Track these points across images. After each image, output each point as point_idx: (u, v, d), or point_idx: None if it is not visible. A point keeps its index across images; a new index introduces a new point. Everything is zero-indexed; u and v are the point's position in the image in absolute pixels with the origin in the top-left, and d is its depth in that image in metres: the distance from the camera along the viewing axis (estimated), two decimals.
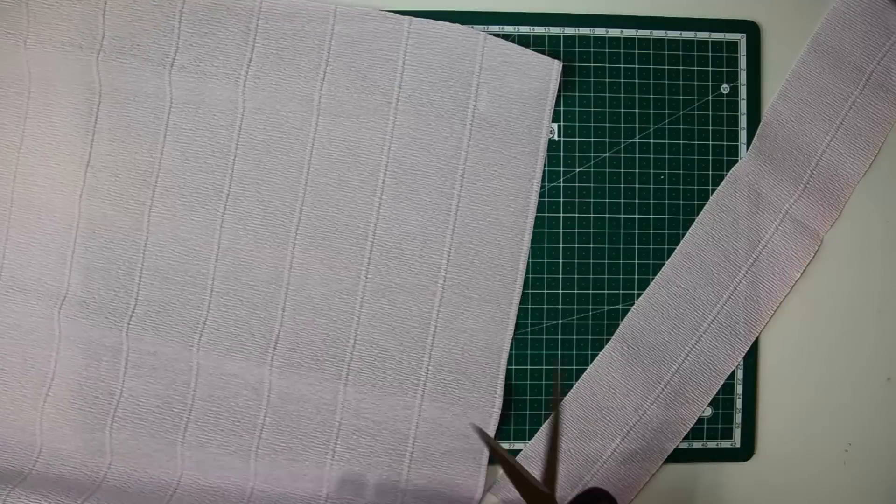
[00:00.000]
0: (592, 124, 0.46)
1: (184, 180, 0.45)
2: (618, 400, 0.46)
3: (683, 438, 0.46)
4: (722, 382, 0.46)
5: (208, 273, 0.45)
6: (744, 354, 0.46)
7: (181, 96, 0.45)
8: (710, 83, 0.47)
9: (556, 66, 0.45)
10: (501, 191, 0.45)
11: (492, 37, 0.45)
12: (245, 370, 0.45)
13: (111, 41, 0.45)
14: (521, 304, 0.46)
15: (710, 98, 0.47)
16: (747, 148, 0.47)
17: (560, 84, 0.45)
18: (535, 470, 0.45)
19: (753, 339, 0.46)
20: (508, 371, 0.46)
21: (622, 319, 0.46)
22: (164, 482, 0.45)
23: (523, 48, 0.45)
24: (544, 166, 0.46)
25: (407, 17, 0.45)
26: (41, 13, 0.45)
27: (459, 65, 0.45)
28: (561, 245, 0.46)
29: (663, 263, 0.46)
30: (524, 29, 0.46)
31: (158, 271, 0.45)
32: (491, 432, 0.45)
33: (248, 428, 0.45)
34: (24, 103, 0.45)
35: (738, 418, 0.47)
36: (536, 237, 0.46)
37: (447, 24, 0.45)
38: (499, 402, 0.45)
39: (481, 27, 0.46)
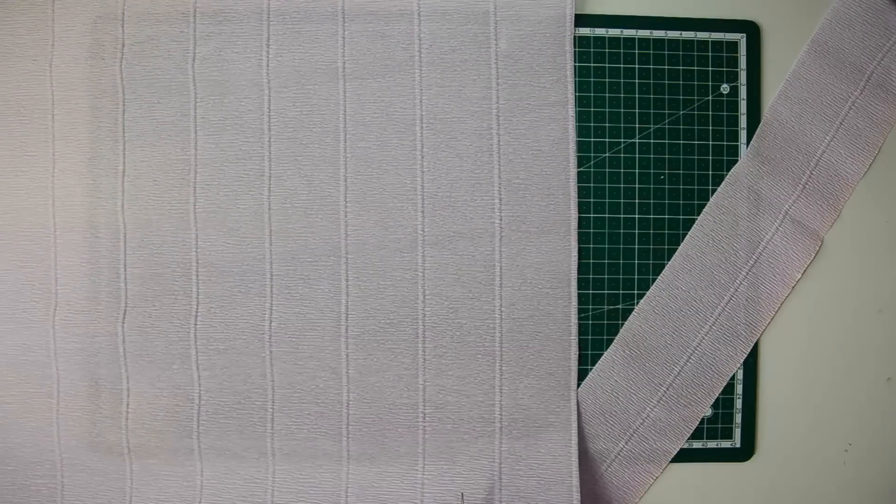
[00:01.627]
0: (592, 124, 0.46)
1: (223, 171, 0.45)
2: (620, 403, 0.46)
3: None
4: (724, 384, 0.46)
5: (265, 258, 0.45)
6: (745, 355, 0.46)
7: (205, 88, 0.45)
8: (710, 83, 0.47)
9: None
10: (538, 121, 0.46)
11: None
12: (320, 349, 0.45)
13: (131, 47, 0.45)
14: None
15: (710, 98, 0.47)
16: (747, 148, 0.47)
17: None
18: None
19: (755, 340, 0.46)
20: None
21: (622, 320, 0.46)
22: (257, 481, 0.45)
23: None
24: (575, 91, 0.46)
25: None
26: (65, 35, 0.45)
27: (474, 7, 0.45)
28: None
29: (663, 264, 0.46)
30: None
31: (214, 266, 0.45)
32: (572, 361, 0.46)
33: (333, 407, 0.45)
34: (49, 127, 0.45)
35: (738, 418, 0.47)
36: None
37: None
38: (574, 330, 0.45)
39: None
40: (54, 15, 0.45)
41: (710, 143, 0.47)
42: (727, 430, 0.47)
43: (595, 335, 0.46)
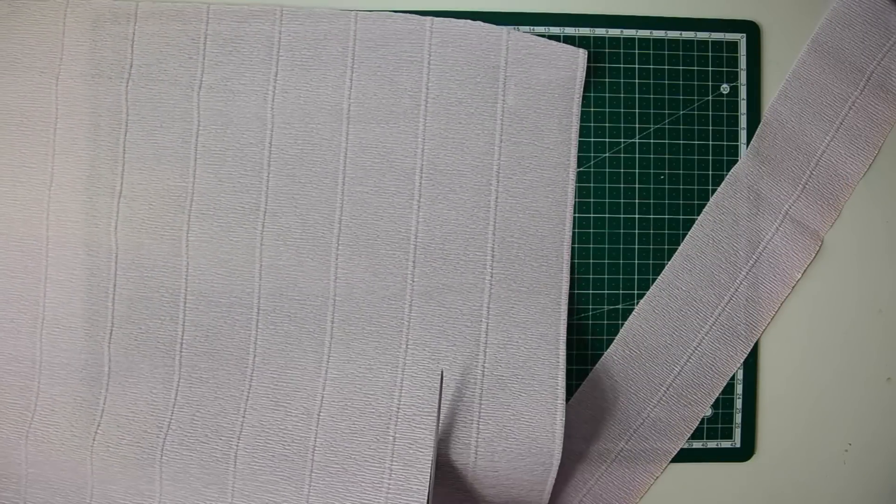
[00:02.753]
0: (592, 124, 0.46)
1: (219, 202, 0.45)
2: (621, 403, 0.46)
3: None
4: (724, 384, 0.46)
5: (253, 292, 0.45)
6: (746, 355, 0.46)
7: (208, 117, 0.45)
8: (710, 83, 0.47)
9: (581, 55, 0.45)
10: (538, 182, 0.45)
11: (515, 31, 0.45)
12: (298, 388, 0.44)
13: (139, 68, 0.45)
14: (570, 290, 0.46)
15: (710, 98, 0.47)
16: (747, 148, 0.47)
17: (588, 71, 0.45)
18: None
19: (755, 340, 0.46)
20: None
21: (622, 320, 0.46)
22: None
23: (547, 40, 0.45)
24: (578, 154, 0.46)
25: (428, 18, 0.45)
26: (74, 48, 0.45)
27: (485, 61, 0.45)
28: None
29: (663, 264, 0.46)
30: (524, 29, 0.46)
31: (203, 295, 0.45)
32: (558, 424, 0.44)
33: (299, 452, 0.44)
34: (50, 140, 0.45)
35: (738, 418, 0.47)
36: None
37: (469, 21, 0.45)
38: (561, 392, 0.44)
39: None
40: (65, 28, 0.45)
41: (710, 143, 0.47)
42: (727, 430, 0.47)
43: (595, 335, 0.46)
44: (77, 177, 0.45)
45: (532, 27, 0.46)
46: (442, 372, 0.44)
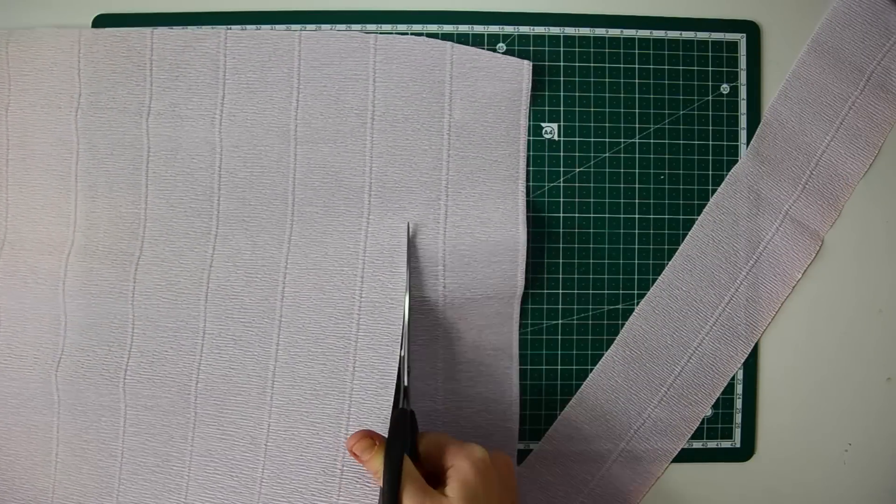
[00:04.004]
0: (592, 124, 0.46)
1: (171, 227, 0.45)
2: (621, 403, 0.46)
3: None
4: (725, 384, 0.46)
5: (199, 315, 0.45)
6: (746, 355, 0.46)
7: (158, 143, 0.45)
8: (710, 83, 0.47)
9: (526, 66, 0.45)
10: (488, 195, 0.45)
11: (459, 45, 0.45)
12: (243, 416, 0.44)
13: (87, 97, 0.45)
14: (522, 303, 0.46)
15: (710, 98, 0.47)
16: (747, 148, 0.47)
17: (534, 84, 0.45)
18: (546, 468, 0.45)
19: (755, 340, 0.46)
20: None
21: (622, 320, 0.46)
22: None
23: (492, 52, 0.45)
24: (528, 165, 0.46)
25: (372, 35, 0.45)
26: (22, 79, 0.45)
27: (430, 76, 0.45)
28: (561, 245, 0.46)
29: (663, 264, 0.46)
30: (524, 29, 0.46)
31: (150, 320, 0.44)
32: (514, 423, 0.45)
33: (247, 484, 0.43)
34: (3, 170, 0.45)
35: (738, 418, 0.47)
36: (536, 237, 0.46)
37: (413, 37, 0.45)
38: (516, 391, 0.45)
39: (481, 27, 0.46)
40: (9, 58, 0.45)
41: (710, 143, 0.47)
42: (727, 430, 0.47)
43: (595, 335, 0.46)
44: (30, 206, 0.45)
45: (532, 27, 0.46)
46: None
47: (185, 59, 0.45)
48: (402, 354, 0.42)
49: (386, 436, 0.39)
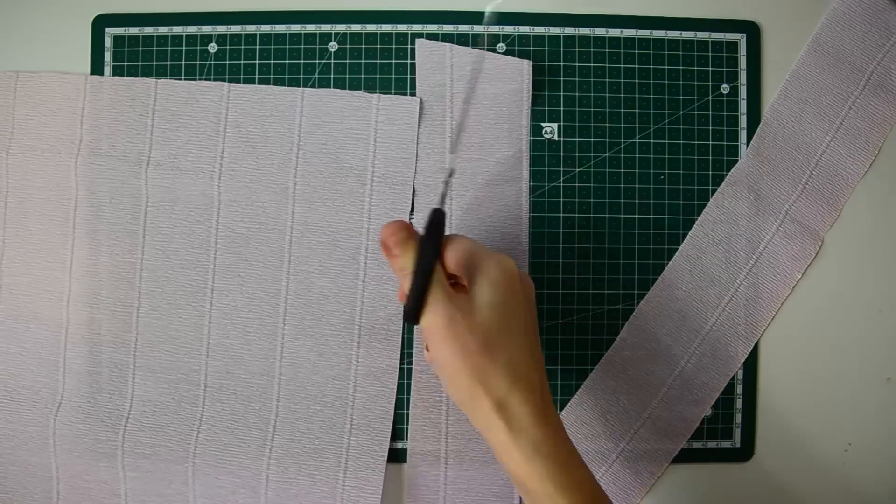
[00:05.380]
0: (592, 124, 0.46)
1: (167, 278, 0.45)
2: (622, 403, 0.46)
3: None
4: (725, 384, 0.46)
5: (200, 369, 0.45)
6: (746, 355, 0.46)
7: (157, 194, 0.45)
8: (710, 83, 0.47)
9: (526, 66, 0.45)
10: (491, 197, 0.45)
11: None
12: (242, 467, 0.44)
13: (88, 144, 0.45)
14: None
15: (710, 98, 0.47)
16: (747, 148, 0.47)
17: (534, 83, 0.45)
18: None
19: (756, 340, 0.46)
20: None
21: (622, 320, 0.46)
22: None
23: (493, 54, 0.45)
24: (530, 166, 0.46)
25: (375, 95, 0.45)
26: (25, 123, 0.45)
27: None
28: (561, 245, 0.46)
29: (663, 263, 0.46)
30: (524, 29, 0.46)
31: (151, 371, 0.45)
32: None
33: None
34: (1, 213, 0.45)
35: (738, 418, 0.47)
36: (536, 237, 0.46)
37: (413, 98, 0.45)
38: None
39: (482, 28, 0.46)
40: (15, 102, 0.45)
41: (710, 143, 0.47)
42: (727, 430, 0.47)
43: (595, 335, 0.46)
44: (28, 251, 0.45)
45: (532, 27, 0.46)
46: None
47: (188, 109, 0.45)
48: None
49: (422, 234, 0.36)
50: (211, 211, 0.45)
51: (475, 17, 0.46)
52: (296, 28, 0.46)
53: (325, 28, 0.46)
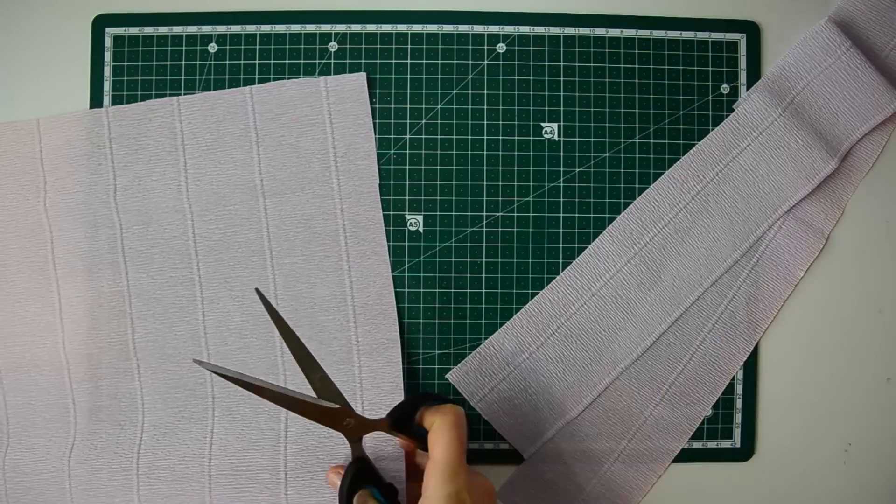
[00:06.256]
0: (592, 124, 0.46)
1: (156, 299, 0.45)
2: (623, 402, 0.46)
3: None
4: (727, 383, 0.46)
5: (206, 381, 0.45)
6: (748, 354, 0.46)
7: (129, 219, 0.45)
8: (710, 83, 0.47)
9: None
10: None
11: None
12: (259, 471, 0.44)
13: (53, 184, 0.45)
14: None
15: (710, 98, 0.47)
16: None
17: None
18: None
19: (757, 339, 0.46)
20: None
21: None
22: None
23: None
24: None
25: (321, 78, 0.45)
26: None
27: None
28: (561, 245, 0.46)
29: None
30: (524, 29, 0.46)
31: (159, 393, 0.45)
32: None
33: None
34: None
35: (738, 418, 0.47)
36: (536, 237, 0.46)
37: (360, 74, 0.45)
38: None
39: (481, 27, 0.46)
40: None
41: None
42: (727, 430, 0.47)
43: None
44: (15, 300, 0.45)
45: (532, 27, 0.46)
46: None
47: (142, 130, 0.45)
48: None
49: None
50: (185, 224, 0.45)
51: (475, 17, 0.46)
52: (296, 28, 0.46)
53: (325, 28, 0.46)
